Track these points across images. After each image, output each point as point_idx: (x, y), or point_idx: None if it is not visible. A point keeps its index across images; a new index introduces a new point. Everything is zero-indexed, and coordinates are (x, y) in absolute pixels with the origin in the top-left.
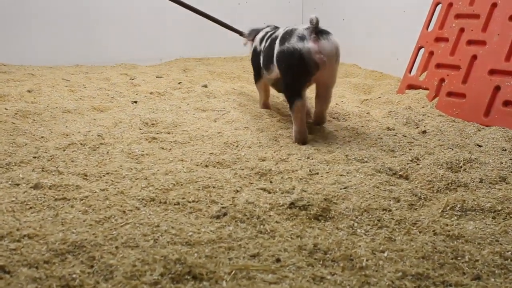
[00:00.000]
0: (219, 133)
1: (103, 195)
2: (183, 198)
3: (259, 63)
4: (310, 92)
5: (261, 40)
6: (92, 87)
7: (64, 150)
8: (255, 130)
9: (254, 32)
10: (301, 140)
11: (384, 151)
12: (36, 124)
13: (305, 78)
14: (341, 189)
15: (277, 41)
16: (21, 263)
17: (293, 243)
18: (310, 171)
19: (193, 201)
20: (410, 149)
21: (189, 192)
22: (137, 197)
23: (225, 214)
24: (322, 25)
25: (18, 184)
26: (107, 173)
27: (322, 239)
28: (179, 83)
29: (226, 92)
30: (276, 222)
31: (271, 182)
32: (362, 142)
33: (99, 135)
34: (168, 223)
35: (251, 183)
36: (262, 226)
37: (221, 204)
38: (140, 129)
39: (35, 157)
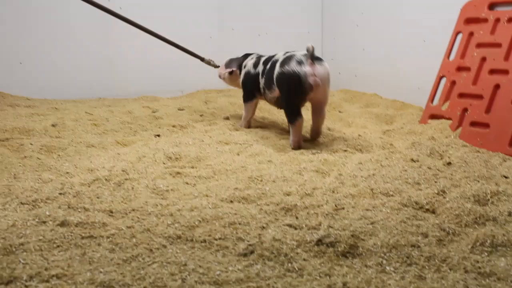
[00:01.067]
0: (243, 167)
1: (130, 233)
2: (209, 236)
3: (253, 85)
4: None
5: (255, 65)
6: (115, 120)
7: (89, 186)
8: (279, 163)
9: (236, 62)
10: (299, 147)
11: (409, 183)
12: (61, 159)
13: (302, 97)
14: (368, 224)
15: (277, 64)
16: None
17: (322, 282)
18: (335, 206)
19: (220, 238)
20: (435, 182)
21: (215, 229)
22: (164, 235)
23: (252, 252)
24: (342, 56)
25: (44, 222)
26: (133, 210)
27: (351, 278)
28: (201, 115)
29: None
30: (304, 259)
31: (297, 218)
32: (387, 175)
33: (123, 170)
34: (195, 261)
35: (277, 219)
36: (290, 264)
37: (248, 241)
38: (164, 163)
39: (61, 194)
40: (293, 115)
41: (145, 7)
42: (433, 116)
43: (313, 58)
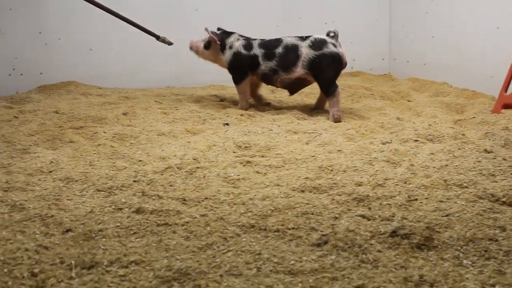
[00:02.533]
0: (312, 156)
1: (204, 221)
2: (282, 225)
3: (246, 66)
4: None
5: (246, 47)
6: (184, 109)
7: (162, 174)
8: (349, 153)
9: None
10: (340, 119)
11: (484, 175)
12: (133, 147)
13: (338, 73)
14: (442, 216)
15: (306, 48)
16: None
17: (398, 274)
18: (408, 197)
19: (293, 228)
20: (511, 174)
21: (288, 219)
22: (237, 224)
23: (326, 242)
24: (411, 44)
25: (121, 209)
26: (206, 198)
27: (428, 271)
28: (268, 104)
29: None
30: (378, 251)
31: (369, 208)
32: (460, 166)
33: (194, 159)
34: (270, 251)
35: (349, 210)
36: (364, 255)
37: (321, 231)
38: (234, 152)
39: (135, 181)
40: (333, 88)
41: None
42: (507, 106)
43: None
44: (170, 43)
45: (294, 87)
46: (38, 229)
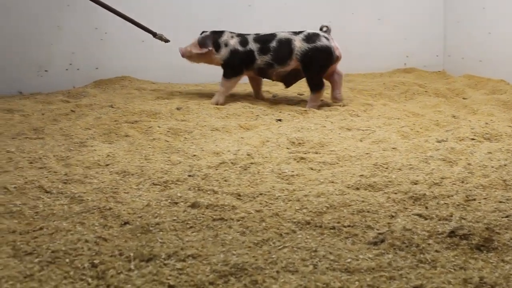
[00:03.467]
0: (367, 153)
1: (259, 217)
2: (338, 222)
3: (243, 62)
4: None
5: (242, 43)
6: (236, 104)
7: (216, 169)
8: (404, 151)
9: (209, 40)
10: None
11: None
12: (187, 142)
13: (329, 67)
14: (502, 217)
15: (299, 41)
16: (188, 283)
17: (457, 275)
18: (466, 196)
19: (349, 226)
20: None
21: (343, 216)
22: (292, 220)
23: (382, 241)
24: (466, 40)
25: (177, 203)
26: (260, 194)
27: (488, 273)
28: (321, 100)
29: (367, 110)
30: (436, 251)
31: (426, 207)
32: None
33: (248, 154)
34: (326, 248)
35: (406, 208)
36: (422, 255)
37: (377, 229)
38: (287, 148)
39: (190, 176)
40: (320, 84)
41: None
42: None
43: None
44: (167, 41)
45: (289, 79)
46: (97, 221)
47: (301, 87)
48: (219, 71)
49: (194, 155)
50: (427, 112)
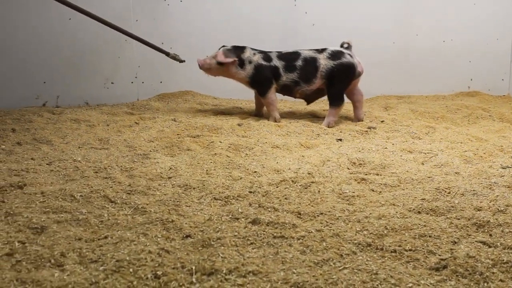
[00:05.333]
0: (429, 177)
1: (319, 236)
2: (399, 246)
3: (270, 76)
4: None
5: (266, 59)
6: (297, 122)
7: (277, 186)
8: (467, 176)
9: (233, 54)
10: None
11: None
12: (248, 158)
13: (351, 83)
14: None
15: (324, 59)
16: None
17: None
18: None
19: (410, 250)
20: None
21: (405, 240)
22: (353, 241)
23: (444, 267)
24: None
25: (237, 218)
26: (321, 213)
27: None
28: (382, 121)
29: (429, 133)
30: (501, 280)
31: (490, 235)
32: None
33: (309, 173)
34: (386, 271)
35: (469, 235)
36: (485, 284)
37: (440, 255)
38: (348, 168)
39: (250, 192)
40: (341, 99)
41: None
42: None
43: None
44: (181, 61)
45: (313, 97)
46: (160, 232)
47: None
48: None
49: (255, 172)
50: (491, 137)
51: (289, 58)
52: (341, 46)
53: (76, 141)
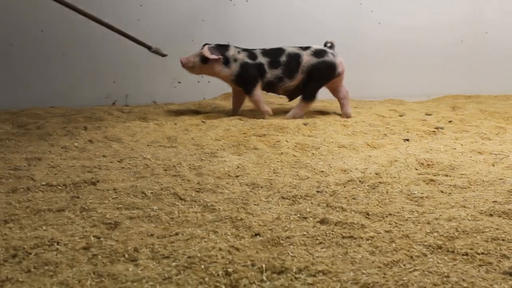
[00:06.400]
0: (500, 179)
1: (389, 237)
2: (471, 249)
3: (256, 74)
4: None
5: (251, 56)
6: (363, 122)
7: (344, 186)
8: None
9: (218, 51)
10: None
11: None
12: (315, 157)
13: (329, 81)
14: None
15: (308, 56)
16: None
17: None
18: None
19: (482, 253)
20: None
21: (477, 243)
22: (423, 243)
23: None
24: None
25: (306, 218)
26: (389, 214)
27: None
28: (450, 121)
29: (499, 133)
30: None
31: None
32: None
33: (376, 173)
34: (458, 274)
35: None
36: None
37: None
38: (416, 169)
39: (318, 191)
40: (314, 96)
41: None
42: None
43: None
44: (163, 55)
45: (294, 93)
46: (229, 230)
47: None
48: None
49: (322, 171)
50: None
51: (273, 54)
52: (325, 45)
53: (145, 139)
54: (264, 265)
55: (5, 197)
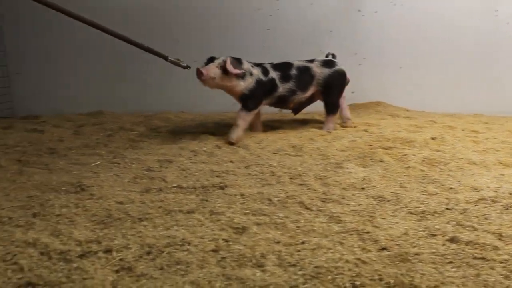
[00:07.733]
0: None
1: None
2: None
3: (265, 92)
4: None
5: (264, 72)
6: (494, 139)
7: (475, 205)
8: None
9: (237, 65)
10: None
11: None
12: (443, 173)
13: (344, 89)
14: None
15: (318, 67)
16: None
17: None
18: None
19: None
20: None
21: None
22: None
23: None
24: None
25: (434, 235)
26: None
27: None
28: None
29: None
30: None
31: None
32: None
33: (510, 194)
34: None
35: None
36: None
37: None
38: None
39: (447, 209)
40: (338, 106)
41: None
42: None
43: None
44: (184, 67)
45: (302, 106)
46: (356, 242)
47: None
48: (474, 99)
49: (451, 188)
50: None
51: (283, 67)
52: (326, 56)
53: (271, 146)
54: (392, 281)
55: (139, 196)
